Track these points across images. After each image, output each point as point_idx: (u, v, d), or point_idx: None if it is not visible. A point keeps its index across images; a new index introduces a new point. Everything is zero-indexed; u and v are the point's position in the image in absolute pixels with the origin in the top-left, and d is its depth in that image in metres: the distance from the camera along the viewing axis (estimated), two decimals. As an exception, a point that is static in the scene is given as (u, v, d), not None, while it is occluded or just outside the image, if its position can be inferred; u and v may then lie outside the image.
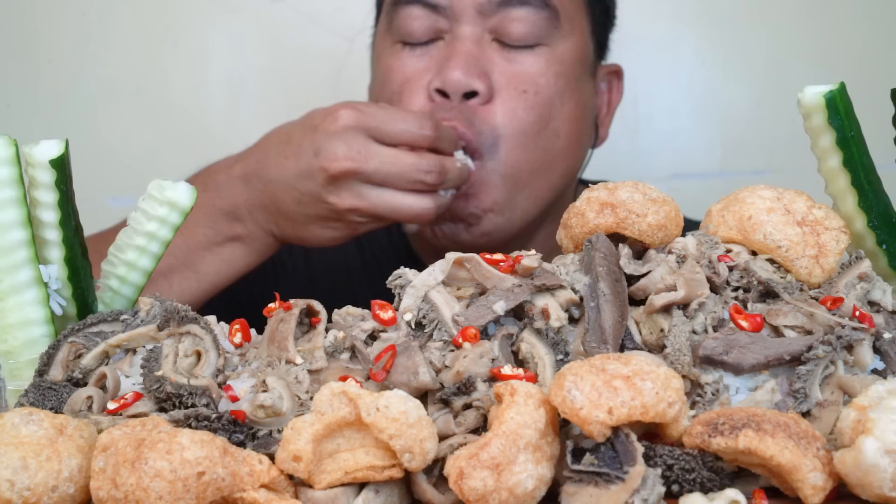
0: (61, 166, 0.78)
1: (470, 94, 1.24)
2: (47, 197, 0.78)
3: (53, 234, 0.79)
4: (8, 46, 1.98)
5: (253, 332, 0.76)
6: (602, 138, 1.44)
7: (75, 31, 1.98)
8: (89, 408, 0.70)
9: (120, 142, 1.99)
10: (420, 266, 1.49)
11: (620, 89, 1.45)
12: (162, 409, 0.67)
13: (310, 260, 1.47)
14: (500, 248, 1.33)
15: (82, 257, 0.82)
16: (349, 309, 0.74)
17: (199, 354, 0.71)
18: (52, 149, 0.77)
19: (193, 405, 0.66)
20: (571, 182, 1.39)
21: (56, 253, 0.79)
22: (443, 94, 1.24)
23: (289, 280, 1.46)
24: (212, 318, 0.76)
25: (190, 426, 0.63)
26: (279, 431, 0.64)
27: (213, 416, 0.64)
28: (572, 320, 0.72)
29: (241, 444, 0.63)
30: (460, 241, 1.28)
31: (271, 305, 0.75)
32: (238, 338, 0.74)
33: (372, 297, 0.75)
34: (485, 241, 1.27)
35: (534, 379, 0.67)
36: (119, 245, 0.83)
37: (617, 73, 1.45)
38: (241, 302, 1.36)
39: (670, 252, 0.74)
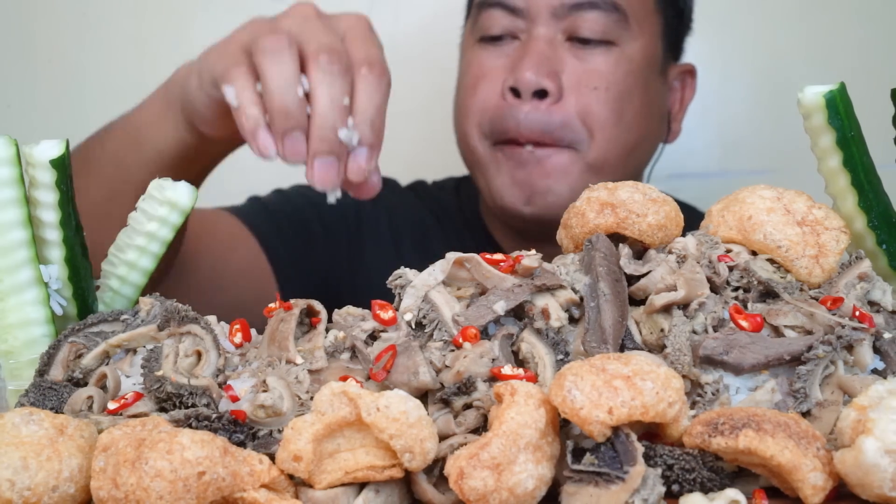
0: (62, 166, 0.78)
1: (541, 93, 1.31)
2: (48, 197, 0.78)
3: (54, 234, 0.79)
4: (8, 46, 1.98)
5: (253, 331, 0.76)
6: (675, 133, 1.52)
7: (75, 31, 1.98)
8: (90, 408, 0.70)
9: (120, 142, 1.99)
10: (488, 242, 1.49)
11: (693, 87, 1.53)
12: (162, 409, 0.67)
13: (392, 217, 1.51)
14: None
15: (83, 257, 0.82)
16: (349, 309, 0.74)
17: (199, 354, 0.71)
18: (53, 149, 0.77)
19: (194, 405, 0.66)
20: (640, 175, 1.47)
21: (56, 253, 0.79)
22: (515, 92, 1.32)
23: (372, 235, 1.50)
24: (212, 318, 0.76)
25: (190, 426, 0.63)
26: (279, 431, 0.64)
27: (214, 416, 0.64)
28: (572, 320, 0.72)
29: (242, 444, 0.63)
30: (540, 220, 1.32)
31: (271, 305, 0.75)
32: (238, 338, 0.74)
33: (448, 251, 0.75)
34: (550, 213, 1.31)
35: (534, 379, 0.67)
36: (119, 245, 0.83)
37: (690, 72, 1.52)
38: (319, 255, 1.42)
39: (670, 252, 0.75)
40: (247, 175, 2.00)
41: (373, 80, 0.91)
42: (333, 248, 1.45)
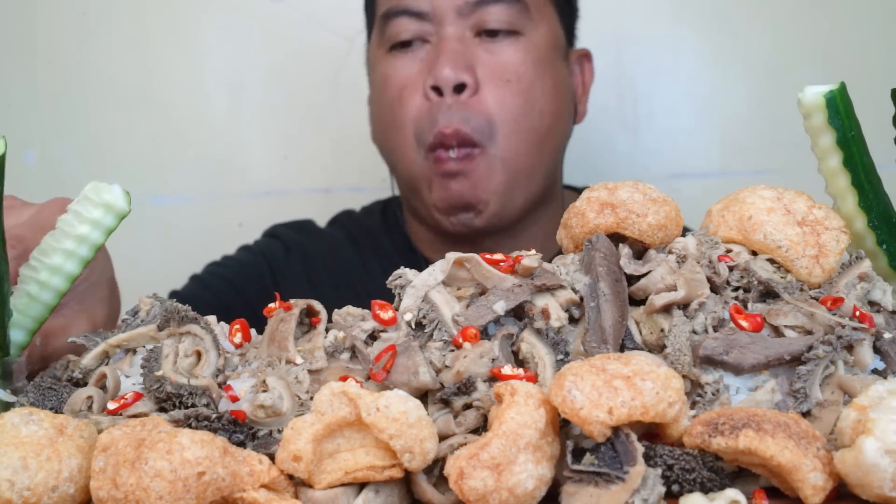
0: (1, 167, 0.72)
1: (460, 88, 1.38)
2: None
3: None
4: (8, 46, 1.98)
5: (253, 332, 0.76)
6: (581, 114, 1.58)
7: (75, 31, 1.98)
8: (89, 408, 0.70)
9: (120, 142, 1.99)
10: (421, 261, 1.54)
11: (592, 70, 1.60)
12: (162, 409, 0.67)
13: (310, 265, 1.55)
14: (508, 229, 1.43)
15: (4, 263, 0.76)
16: (349, 309, 0.74)
17: (199, 354, 0.71)
18: None
19: (193, 405, 0.66)
20: (560, 158, 1.54)
21: None
22: (437, 90, 1.38)
23: (289, 286, 1.53)
24: (212, 318, 0.76)
25: (190, 426, 0.63)
26: (279, 431, 0.64)
27: (213, 416, 0.64)
28: (572, 320, 0.72)
29: (242, 444, 0.63)
30: (473, 227, 1.41)
31: (271, 305, 0.75)
32: (238, 338, 0.74)
33: (374, 295, 0.76)
34: (495, 221, 1.41)
35: (534, 379, 0.67)
36: (44, 249, 0.77)
37: (587, 55, 1.59)
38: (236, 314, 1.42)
39: (670, 252, 0.75)
40: (247, 174, 2.01)
41: None
42: (254, 315, 1.44)
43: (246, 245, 1.62)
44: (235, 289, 1.51)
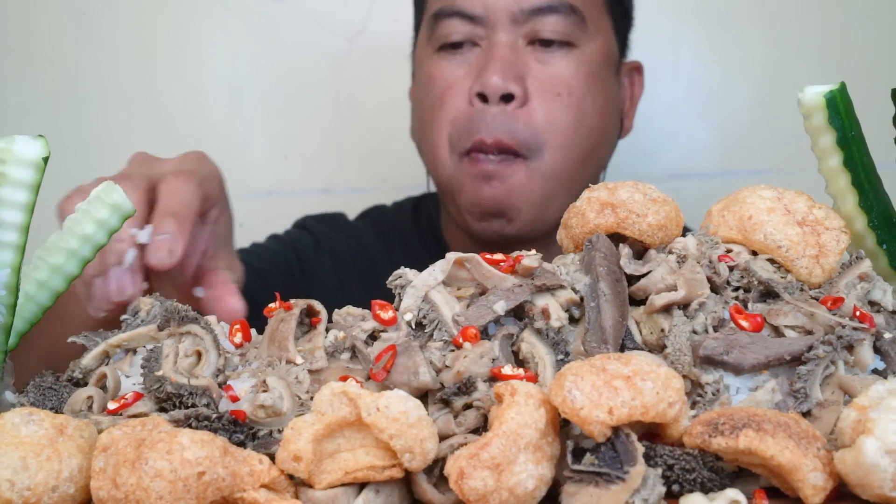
0: (42, 167, 0.72)
1: (507, 98, 1.33)
2: (19, 196, 0.72)
3: (12, 237, 0.72)
4: (8, 46, 1.98)
5: (253, 332, 0.76)
6: (627, 129, 1.54)
7: (75, 31, 1.98)
8: (89, 408, 0.70)
9: (120, 142, 1.99)
10: (445, 250, 1.51)
11: (641, 83, 1.56)
12: (162, 409, 0.67)
13: (338, 260, 1.52)
14: (540, 238, 1.39)
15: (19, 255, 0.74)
16: (349, 309, 0.74)
17: (199, 354, 0.71)
18: (39, 147, 0.72)
19: (193, 405, 0.66)
20: (599, 174, 1.50)
21: (9, 257, 0.73)
22: (482, 97, 1.34)
23: (317, 280, 1.51)
24: (212, 318, 0.76)
25: (190, 426, 0.63)
26: (279, 431, 0.64)
27: (214, 416, 0.64)
28: (572, 320, 0.72)
29: (242, 444, 0.63)
30: (504, 234, 1.37)
31: (271, 305, 0.75)
32: (238, 338, 0.74)
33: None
34: (527, 231, 1.37)
35: (534, 379, 0.67)
36: (49, 248, 0.77)
37: (637, 68, 1.55)
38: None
39: (670, 252, 0.75)
40: (247, 174, 2.01)
41: (175, 183, 0.95)
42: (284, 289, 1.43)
43: (276, 234, 1.58)
44: (261, 278, 1.45)
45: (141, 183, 0.94)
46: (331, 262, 1.52)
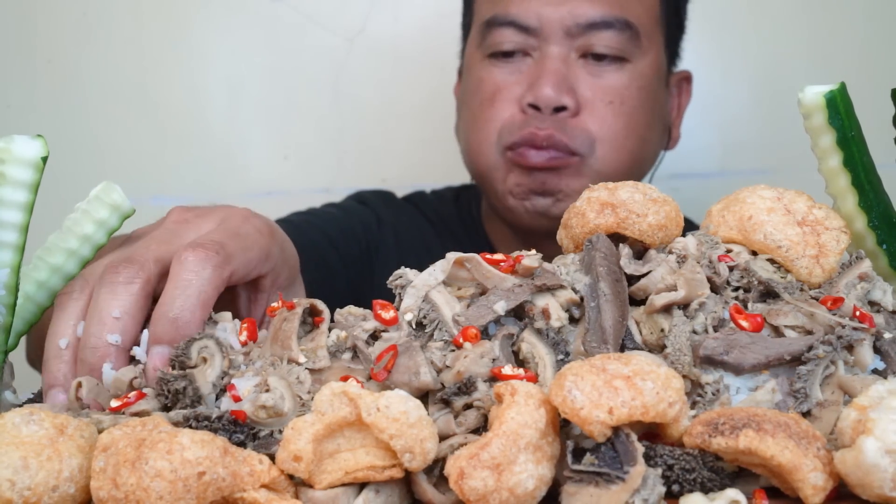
0: (42, 168, 0.72)
1: (559, 109, 1.33)
2: (19, 196, 0.71)
3: (11, 237, 0.72)
4: (8, 46, 1.98)
5: (263, 332, 0.75)
6: (675, 139, 1.54)
7: (75, 31, 1.98)
8: (90, 406, 0.70)
9: (120, 142, 1.99)
10: (486, 240, 1.50)
11: (690, 92, 1.56)
12: (166, 408, 0.67)
13: (400, 239, 1.51)
14: None
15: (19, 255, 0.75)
16: (351, 309, 0.74)
17: (204, 360, 0.71)
18: (38, 147, 0.72)
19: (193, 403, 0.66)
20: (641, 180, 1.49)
21: (8, 257, 0.72)
22: (535, 107, 1.34)
23: (381, 257, 1.49)
24: (226, 315, 0.75)
25: (190, 426, 0.63)
26: (280, 432, 0.64)
27: (214, 416, 0.64)
28: (573, 320, 0.72)
29: (242, 445, 0.63)
30: (549, 214, 1.36)
31: (274, 305, 0.75)
32: (244, 336, 0.74)
33: None
34: (557, 210, 1.34)
35: (534, 379, 0.67)
36: (49, 248, 0.77)
37: (687, 78, 1.55)
38: (340, 289, 1.39)
39: (670, 252, 0.75)
40: (247, 174, 2.01)
41: (186, 266, 0.75)
42: (351, 278, 1.44)
43: (333, 203, 1.56)
44: (333, 245, 1.44)
45: (142, 274, 0.76)
46: (393, 240, 1.51)
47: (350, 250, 1.46)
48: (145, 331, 0.74)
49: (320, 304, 0.74)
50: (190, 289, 0.74)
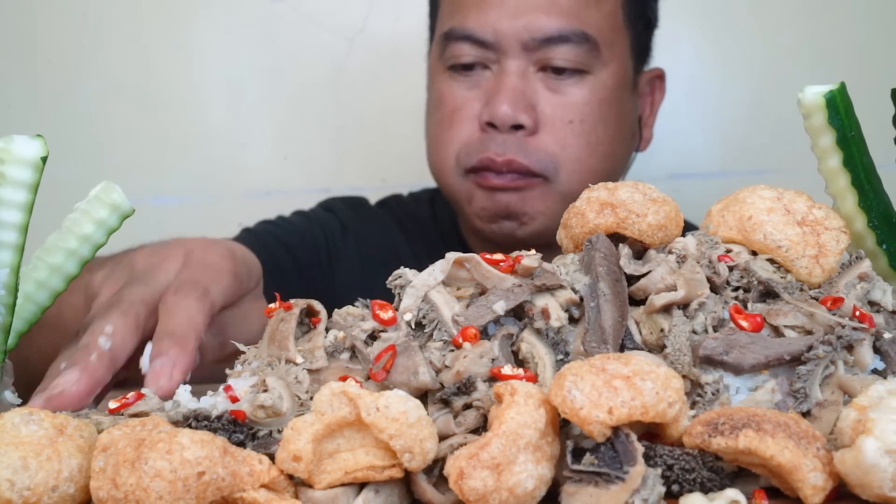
0: (41, 167, 0.72)
1: (516, 126, 1.32)
2: (18, 196, 0.71)
3: (10, 237, 0.72)
4: (8, 46, 1.98)
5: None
6: (647, 140, 1.52)
7: (75, 31, 1.98)
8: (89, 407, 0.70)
9: (120, 142, 1.99)
10: (462, 244, 1.50)
11: (663, 89, 1.53)
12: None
13: (364, 247, 1.51)
14: (550, 246, 1.40)
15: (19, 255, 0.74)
16: (349, 309, 0.74)
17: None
18: (38, 147, 0.72)
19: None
20: None
21: (7, 257, 0.72)
22: (492, 125, 1.33)
23: (343, 265, 1.50)
24: None
25: (190, 426, 0.63)
26: (279, 431, 0.64)
27: (213, 415, 0.64)
28: (572, 320, 0.72)
29: (241, 444, 0.63)
30: (515, 237, 1.36)
31: (271, 306, 0.75)
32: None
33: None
34: (536, 237, 1.35)
35: (534, 379, 0.67)
36: (48, 248, 0.77)
37: (660, 76, 1.53)
38: (293, 296, 1.39)
39: (670, 252, 0.75)
40: (247, 174, 2.01)
41: (173, 302, 0.82)
42: (307, 286, 1.44)
43: (301, 211, 1.57)
44: (290, 253, 1.45)
45: (134, 311, 0.82)
46: (356, 247, 1.51)
47: (307, 257, 1.47)
48: (149, 343, 0.79)
49: (317, 305, 0.74)
50: (183, 312, 0.81)
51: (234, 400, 0.66)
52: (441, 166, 1.41)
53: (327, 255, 1.49)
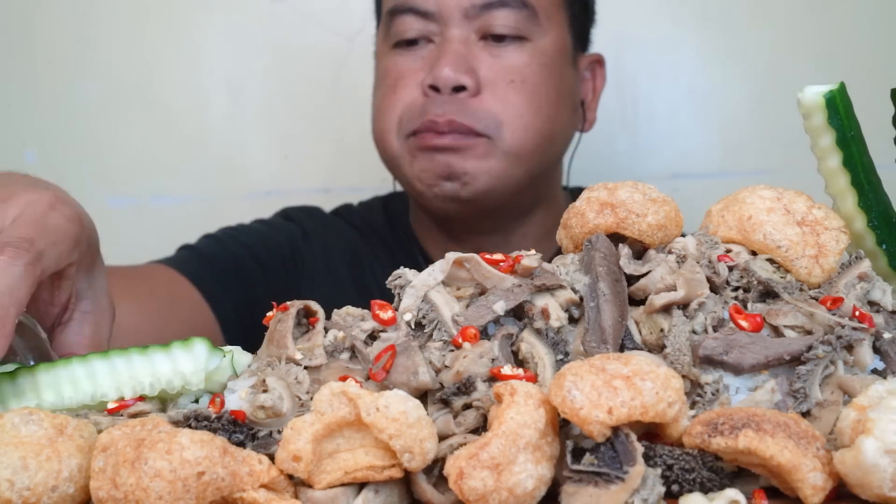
0: None
1: (459, 89, 1.36)
2: None
3: None
4: (8, 46, 1.98)
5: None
6: (591, 122, 1.56)
7: (75, 31, 1.98)
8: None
9: (120, 142, 1.99)
10: (418, 255, 1.53)
11: (604, 76, 1.57)
12: (164, 411, 0.67)
13: (327, 252, 1.54)
14: (494, 214, 1.43)
15: None
16: (349, 309, 0.74)
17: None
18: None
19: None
20: (558, 164, 1.53)
21: None
22: (435, 89, 1.36)
23: (308, 269, 1.52)
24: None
25: (190, 426, 0.63)
26: (279, 432, 0.64)
27: (213, 416, 0.64)
28: (572, 320, 0.72)
29: (241, 445, 0.63)
30: (459, 199, 1.39)
31: (269, 314, 0.75)
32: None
33: (384, 288, 0.75)
34: (481, 198, 1.39)
35: (534, 379, 0.67)
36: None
37: (599, 61, 1.57)
38: (259, 298, 1.43)
39: (670, 252, 0.74)
40: (247, 174, 2.01)
41: (1, 264, 0.72)
42: (272, 288, 1.47)
43: (261, 219, 1.60)
44: (254, 256, 1.48)
45: None
46: (320, 251, 1.54)
47: (272, 261, 1.50)
48: None
49: (314, 305, 0.74)
50: (2, 282, 0.71)
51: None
52: (383, 131, 1.44)
53: (291, 258, 1.52)
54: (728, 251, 0.75)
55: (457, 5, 1.38)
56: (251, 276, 1.46)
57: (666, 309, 0.70)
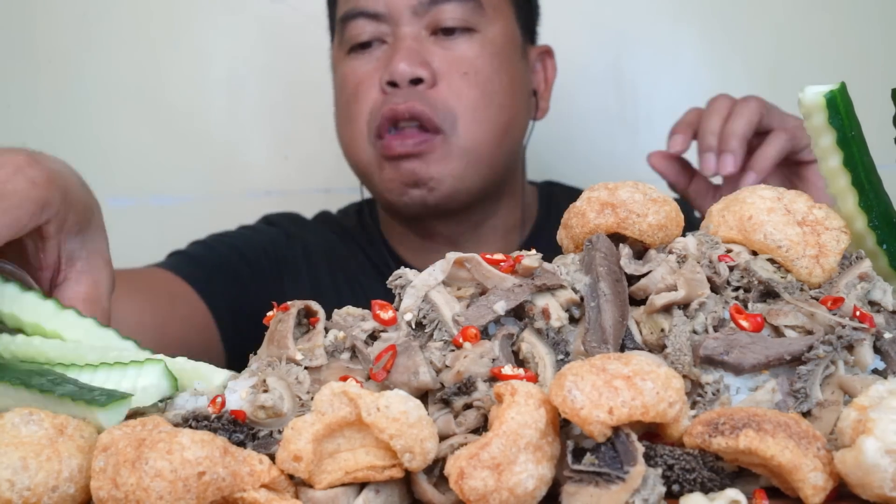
0: None
1: (416, 81, 1.41)
2: None
3: None
4: (8, 46, 1.98)
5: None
6: (543, 111, 1.60)
7: (75, 31, 1.98)
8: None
9: (120, 142, 1.99)
10: (389, 259, 1.57)
11: (554, 66, 1.62)
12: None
13: (309, 255, 1.58)
14: (462, 212, 1.47)
15: None
16: (349, 309, 0.74)
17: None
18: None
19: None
20: (518, 152, 1.56)
21: None
22: (393, 84, 1.42)
23: (291, 272, 1.56)
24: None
25: (190, 426, 0.63)
26: (280, 432, 0.64)
27: (214, 416, 0.64)
28: (573, 320, 0.72)
29: (242, 444, 0.63)
30: (427, 205, 1.44)
31: (270, 314, 0.75)
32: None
33: (367, 290, 0.76)
34: (448, 202, 1.44)
35: (534, 379, 0.67)
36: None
37: (548, 52, 1.62)
38: (249, 295, 1.48)
39: (671, 252, 0.74)
40: (247, 174, 2.01)
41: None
42: (261, 287, 1.52)
43: (245, 225, 1.64)
44: (243, 257, 1.53)
45: None
46: (302, 253, 1.58)
47: (259, 262, 1.54)
48: None
49: (315, 305, 0.74)
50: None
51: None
52: (353, 139, 1.47)
53: (275, 259, 1.56)
54: (728, 251, 0.75)
55: (405, 4, 1.42)
56: (241, 274, 1.51)
57: (666, 309, 0.70)
